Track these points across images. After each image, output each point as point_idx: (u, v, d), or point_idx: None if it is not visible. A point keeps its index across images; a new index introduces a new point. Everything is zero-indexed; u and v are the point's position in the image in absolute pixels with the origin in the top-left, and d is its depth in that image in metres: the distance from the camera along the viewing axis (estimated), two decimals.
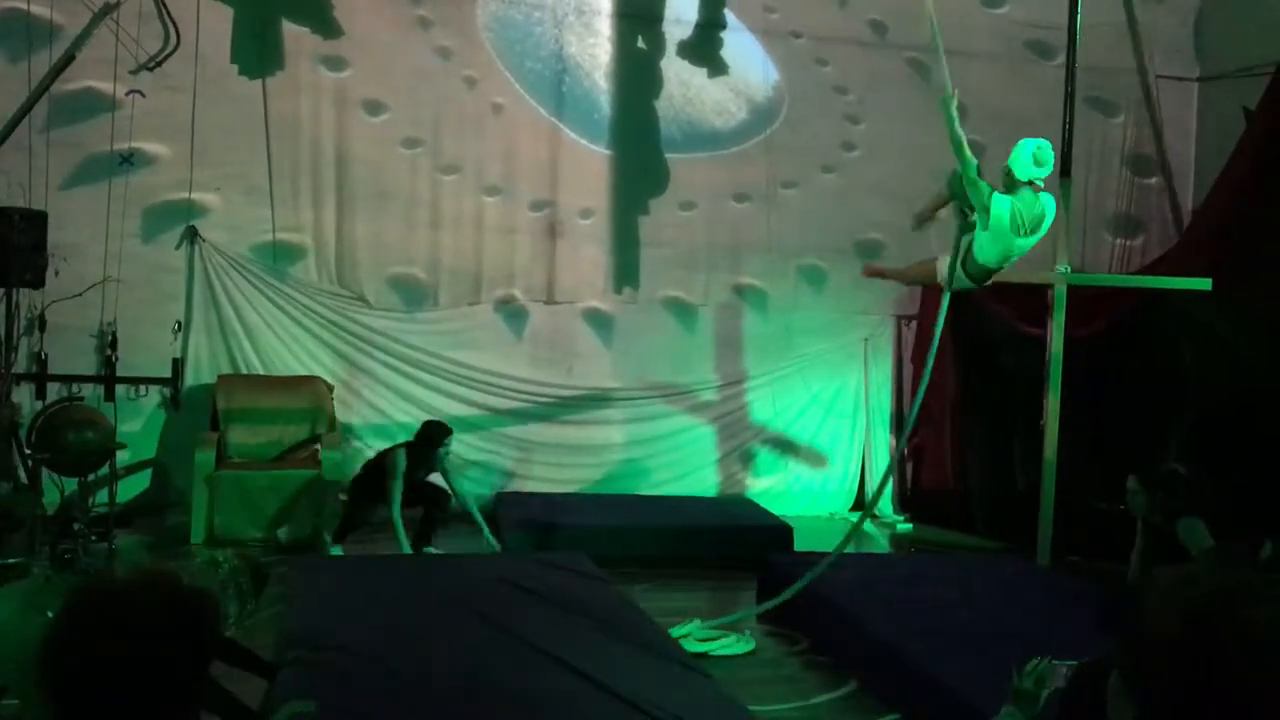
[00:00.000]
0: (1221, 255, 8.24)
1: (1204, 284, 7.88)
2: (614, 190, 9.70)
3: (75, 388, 8.11)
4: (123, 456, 7.92)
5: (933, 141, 10.09)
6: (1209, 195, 9.37)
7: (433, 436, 7.60)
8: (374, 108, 9.14)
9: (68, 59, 8.25)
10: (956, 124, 5.60)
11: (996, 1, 10.25)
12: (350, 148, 9.10)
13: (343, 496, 7.89)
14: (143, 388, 8.62)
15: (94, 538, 7.20)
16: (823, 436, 10.07)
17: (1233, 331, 8.25)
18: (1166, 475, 5.06)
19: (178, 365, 8.61)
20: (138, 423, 8.57)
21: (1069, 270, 8.04)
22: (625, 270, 9.75)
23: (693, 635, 6.00)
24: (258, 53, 8.84)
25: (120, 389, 8.42)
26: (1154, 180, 10.56)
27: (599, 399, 9.60)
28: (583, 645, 4.93)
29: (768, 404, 9.99)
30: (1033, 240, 5.73)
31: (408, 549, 7.37)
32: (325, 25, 8.97)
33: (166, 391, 8.62)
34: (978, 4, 10.19)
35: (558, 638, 4.98)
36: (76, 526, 7.06)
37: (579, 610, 5.48)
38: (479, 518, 7.56)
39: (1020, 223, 5.61)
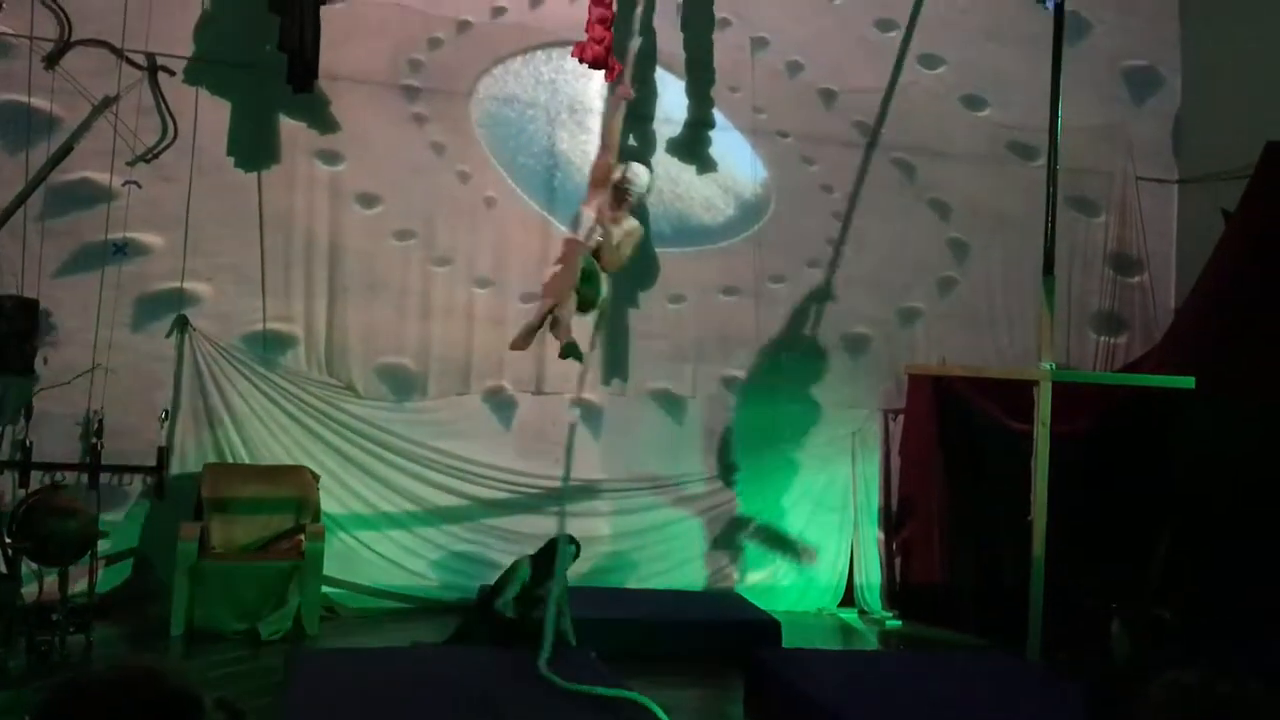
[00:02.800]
0: (1203, 354, 8.33)
1: (1187, 382, 7.95)
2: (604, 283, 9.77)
3: (59, 475, 8.03)
4: (105, 545, 7.83)
5: (917, 237, 10.36)
6: (1190, 294, 9.50)
7: (554, 540, 7.25)
8: (368, 200, 9.26)
9: (66, 150, 8.35)
10: None
11: (979, 105, 10.50)
12: (343, 239, 9.18)
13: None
14: (127, 476, 8.55)
15: (72, 629, 7.09)
16: (811, 530, 10.02)
17: (1216, 429, 8.29)
18: (1151, 622, 4.95)
19: (163, 453, 8.56)
20: (121, 511, 8.48)
21: (1054, 367, 8.11)
22: (614, 362, 9.79)
23: None
24: (254, 146, 8.98)
25: (105, 477, 8.35)
26: (1136, 279, 10.72)
27: (587, 490, 9.55)
28: None
29: (756, 497, 9.96)
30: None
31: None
32: (322, 121, 9.13)
33: (151, 480, 8.56)
34: (960, 107, 10.45)
35: None
36: (55, 617, 6.96)
37: (589, 709, 5.39)
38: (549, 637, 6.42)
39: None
